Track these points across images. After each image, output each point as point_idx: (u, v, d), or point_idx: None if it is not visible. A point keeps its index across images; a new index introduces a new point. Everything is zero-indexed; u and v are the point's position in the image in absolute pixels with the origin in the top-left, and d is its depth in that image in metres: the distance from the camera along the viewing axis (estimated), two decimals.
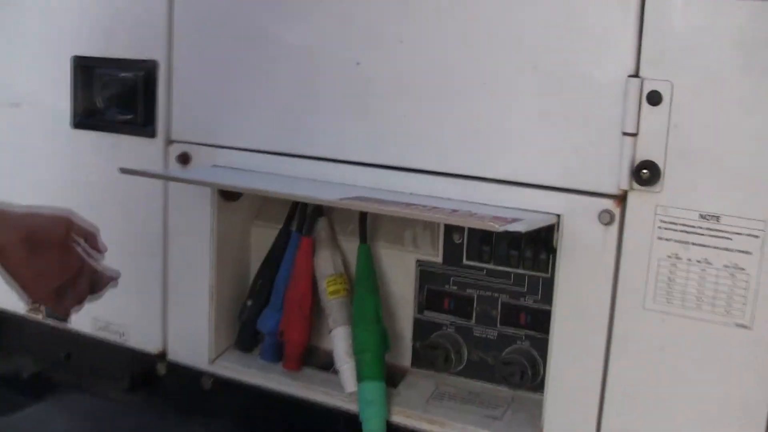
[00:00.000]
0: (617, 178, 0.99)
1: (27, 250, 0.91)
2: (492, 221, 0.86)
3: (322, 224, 1.26)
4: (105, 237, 1.29)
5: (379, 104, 1.12)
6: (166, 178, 1.20)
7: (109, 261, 1.31)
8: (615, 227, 1.00)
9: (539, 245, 1.15)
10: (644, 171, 0.98)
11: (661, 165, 0.97)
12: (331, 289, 1.21)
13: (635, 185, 0.98)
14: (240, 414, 1.29)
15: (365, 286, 1.21)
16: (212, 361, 1.30)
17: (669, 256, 0.98)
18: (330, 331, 1.21)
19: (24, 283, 0.93)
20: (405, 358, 1.26)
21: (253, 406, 1.27)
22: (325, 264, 1.23)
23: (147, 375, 1.35)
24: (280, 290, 1.27)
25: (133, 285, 1.34)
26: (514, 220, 0.93)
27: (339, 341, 1.19)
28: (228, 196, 1.28)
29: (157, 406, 1.32)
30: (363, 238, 1.23)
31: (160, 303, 1.34)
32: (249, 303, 1.30)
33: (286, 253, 1.29)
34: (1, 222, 0.90)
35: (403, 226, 1.25)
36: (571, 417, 1.05)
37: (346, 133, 1.15)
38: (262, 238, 1.33)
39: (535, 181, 1.05)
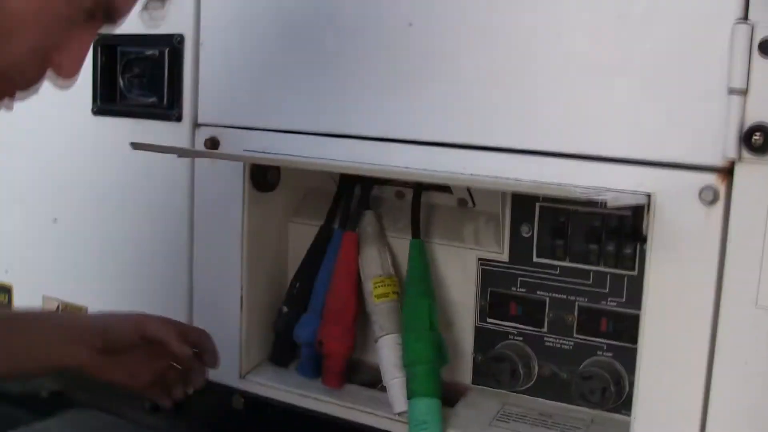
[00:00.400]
0: (722, 147, 0.81)
1: (107, 356, 0.97)
2: (572, 188, 0.68)
3: (368, 218, 1.09)
4: (127, 236, 1.16)
5: (433, 73, 0.96)
6: (182, 153, 1.04)
7: (131, 264, 1.18)
8: (720, 207, 0.82)
9: (623, 237, 0.96)
10: (756, 136, 0.79)
11: None
12: (379, 291, 1.04)
13: (745, 154, 0.80)
14: None
15: (418, 288, 1.03)
16: (243, 377, 1.14)
17: None
18: (376, 341, 1.04)
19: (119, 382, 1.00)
20: (465, 375, 1.08)
21: (290, 427, 1.10)
22: (372, 263, 1.06)
23: None
24: (320, 294, 1.11)
25: (157, 291, 1.19)
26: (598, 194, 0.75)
27: (387, 352, 1.02)
28: (262, 186, 1.12)
29: (182, 428, 1.15)
30: (416, 233, 1.06)
31: (186, 310, 1.18)
32: (285, 309, 1.13)
33: (327, 252, 1.12)
34: (76, 336, 0.97)
35: (463, 219, 1.07)
36: None
37: (396, 106, 0.98)
38: (302, 237, 1.17)
39: (619, 155, 0.87)
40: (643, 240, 0.86)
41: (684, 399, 0.85)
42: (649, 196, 0.84)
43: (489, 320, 1.06)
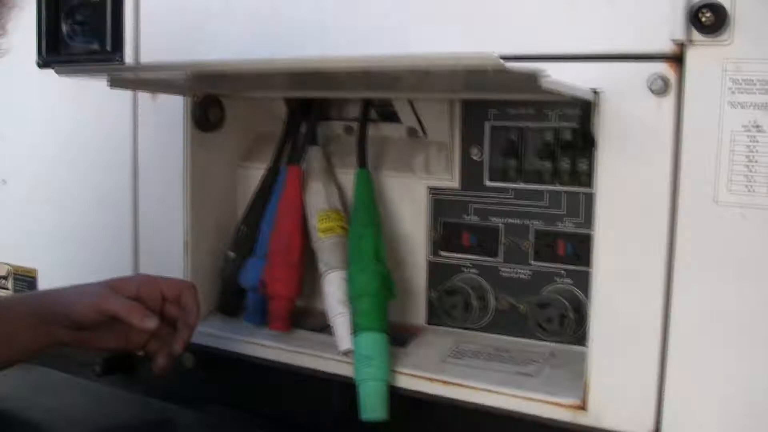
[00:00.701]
0: (669, 28, 0.73)
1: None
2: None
3: (313, 153, 1.03)
4: (74, 193, 1.11)
5: None
6: (111, 76, 0.96)
7: (72, 213, 1.12)
8: (671, 97, 0.75)
9: (578, 153, 0.88)
10: (706, 13, 0.72)
11: (728, 3, 0.70)
12: (324, 226, 0.97)
13: (695, 35, 0.73)
14: (228, 393, 1.04)
15: (362, 219, 0.96)
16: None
17: (747, 127, 0.72)
18: (321, 278, 0.95)
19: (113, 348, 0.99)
20: (418, 315, 1.00)
21: (242, 380, 1.02)
22: (317, 197, 1.00)
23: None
24: (265, 236, 1.04)
25: (100, 241, 1.12)
26: None
27: (331, 289, 0.95)
28: (204, 125, 1.06)
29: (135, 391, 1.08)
30: (362, 162, 0.99)
31: (130, 260, 1.11)
32: (231, 255, 1.06)
33: (273, 191, 1.05)
34: (45, 319, 0.93)
35: (414, 150, 1.00)
36: (624, 364, 0.78)
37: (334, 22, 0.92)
38: (252, 183, 1.10)
39: (560, 52, 0.80)
40: (594, 143, 0.78)
41: (643, 310, 0.77)
42: (595, 92, 0.77)
43: (442, 253, 0.98)
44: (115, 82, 0.95)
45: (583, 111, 0.78)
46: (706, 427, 0.76)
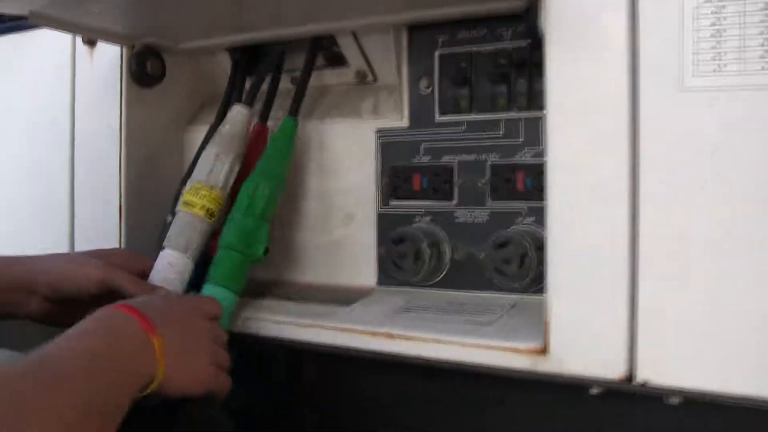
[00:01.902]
0: None
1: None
2: None
3: (233, 114, 0.89)
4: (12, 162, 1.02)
5: None
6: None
7: (4, 179, 1.03)
8: None
9: (535, 72, 0.77)
10: None
11: None
12: (188, 198, 0.85)
13: None
14: None
15: (262, 168, 0.86)
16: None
17: None
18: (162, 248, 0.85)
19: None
20: (368, 276, 0.88)
21: None
22: (203, 165, 0.87)
23: None
24: None
25: (39, 210, 1.03)
26: None
27: (160, 266, 0.84)
28: (143, 79, 0.96)
29: None
30: (293, 108, 0.88)
31: (66, 231, 1.01)
32: (169, 219, 0.95)
33: None
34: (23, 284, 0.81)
35: (362, 95, 0.90)
36: (589, 297, 0.66)
37: None
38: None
39: None
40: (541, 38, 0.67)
41: (607, 231, 0.65)
42: None
43: (392, 202, 0.87)
44: (36, 18, 0.86)
45: (529, 2, 0.68)
46: (688, 367, 0.63)
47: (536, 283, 0.78)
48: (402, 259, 0.83)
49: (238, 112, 0.88)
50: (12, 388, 0.53)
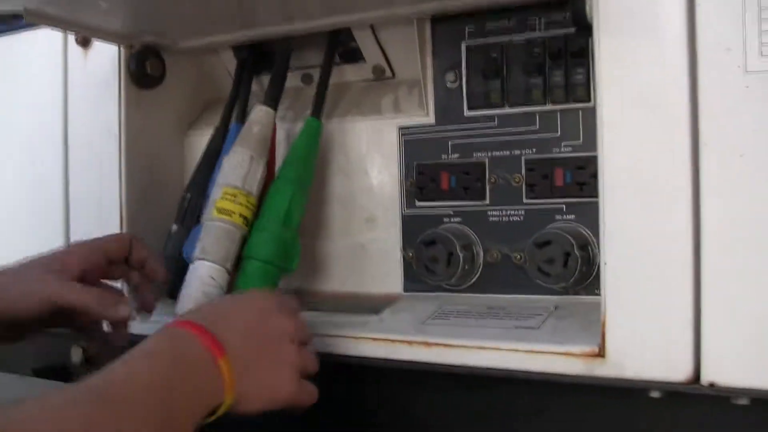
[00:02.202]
0: None
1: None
2: None
3: (257, 115, 0.85)
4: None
5: None
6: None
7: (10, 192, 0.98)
8: None
9: (572, 63, 0.73)
10: None
11: None
12: (223, 205, 0.80)
13: None
14: None
15: (288, 174, 0.82)
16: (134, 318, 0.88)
17: None
18: (192, 262, 0.80)
19: None
20: (393, 283, 0.84)
21: None
22: (235, 169, 0.81)
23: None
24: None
25: (31, 218, 0.97)
26: None
27: (194, 280, 0.78)
28: (142, 80, 0.91)
29: None
30: (316, 109, 0.84)
31: (62, 242, 0.95)
32: (174, 228, 0.90)
33: (222, 152, 0.89)
34: None
35: (381, 92, 0.86)
36: (649, 295, 0.62)
37: None
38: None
39: None
40: (589, 27, 0.64)
41: (668, 225, 0.61)
42: None
43: (418, 204, 0.83)
44: (31, 16, 0.80)
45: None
46: (756, 366, 0.59)
47: (578, 283, 0.73)
48: (434, 262, 0.78)
49: (266, 114, 0.84)
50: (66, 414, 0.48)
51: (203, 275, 0.77)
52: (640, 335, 0.63)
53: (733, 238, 0.59)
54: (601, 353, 0.64)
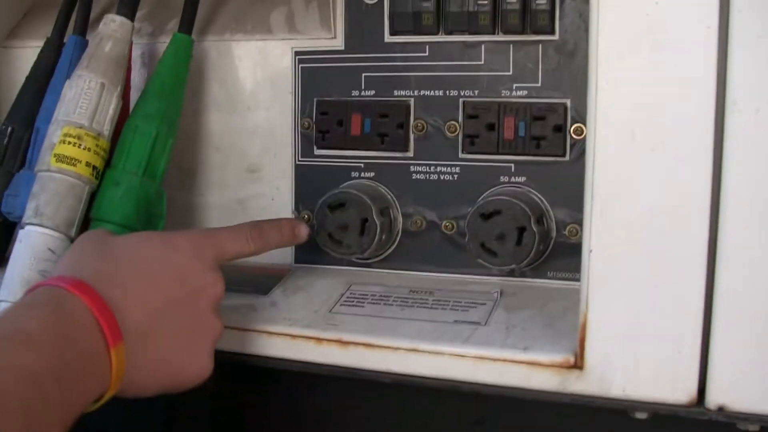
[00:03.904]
0: None
1: None
2: None
3: (110, 23, 0.63)
4: None
5: None
6: None
7: None
8: None
9: None
10: None
11: None
12: (63, 150, 0.59)
13: None
14: None
15: (149, 108, 0.63)
16: None
17: None
18: (22, 227, 0.59)
19: None
20: (282, 252, 0.65)
21: None
22: (78, 100, 0.61)
23: None
24: (43, 139, 0.65)
25: None
26: None
27: (24, 249, 0.58)
28: None
29: None
30: (184, 24, 0.63)
31: None
32: None
33: (56, 72, 0.69)
34: None
35: (271, 4, 0.65)
36: (646, 289, 0.47)
37: None
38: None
39: None
40: None
41: (676, 195, 0.46)
42: None
43: (318, 152, 0.64)
44: None
45: None
46: None
47: (528, 264, 0.58)
48: (342, 231, 0.60)
49: (120, 25, 0.63)
50: None
51: (38, 246, 0.57)
52: (632, 343, 0.48)
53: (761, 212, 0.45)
54: (578, 364, 0.50)
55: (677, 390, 0.48)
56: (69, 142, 0.59)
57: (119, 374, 0.46)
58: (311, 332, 0.56)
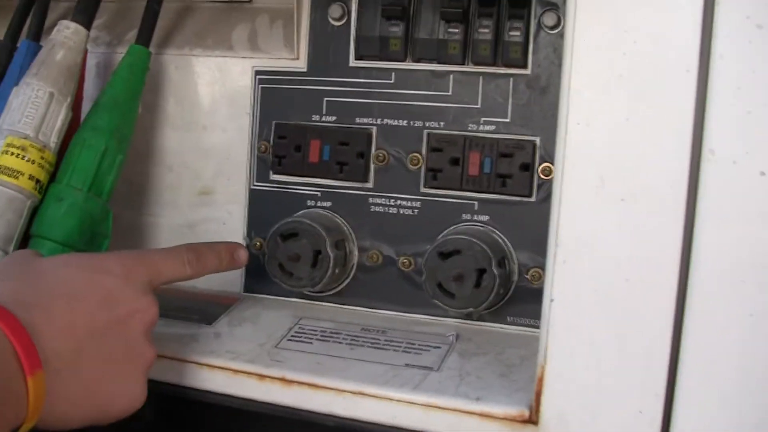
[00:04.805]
0: None
1: None
2: None
3: (64, 30, 0.60)
4: None
5: None
6: None
7: None
8: None
9: (507, 10, 0.54)
10: None
11: None
12: (7, 161, 0.56)
13: None
14: None
15: (98, 120, 0.59)
16: None
17: None
18: None
19: None
20: (232, 280, 0.62)
21: None
22: (24, 109, 0.58)
23: None
24: None
25: None
26: None
27: None
28: None
29: None
30: (143, 34, 0.60)
31: None
32: None
33: (5, 78, 0.65)
34: None
35: (234, 21, 0.62)
36: (609, 337, 0.44)
37: None
38: None
39: None
40: None
41: (652, 241, 0.43)
42: None
43: (274, 177, 0.61)
44: None
45: None
46: None
47: (487, 307, 0.55)
48: (293, 262, 0.57)
49: (74, 33, 0.59)
50: None
51: None
52: (591, 400, 0.45)
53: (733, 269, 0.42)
54: (532, 419, 0.47)
55: None
56: (12, 153, 0.56)
57: (38, 404, 0.43)
58: (253, 368, 0.53)
